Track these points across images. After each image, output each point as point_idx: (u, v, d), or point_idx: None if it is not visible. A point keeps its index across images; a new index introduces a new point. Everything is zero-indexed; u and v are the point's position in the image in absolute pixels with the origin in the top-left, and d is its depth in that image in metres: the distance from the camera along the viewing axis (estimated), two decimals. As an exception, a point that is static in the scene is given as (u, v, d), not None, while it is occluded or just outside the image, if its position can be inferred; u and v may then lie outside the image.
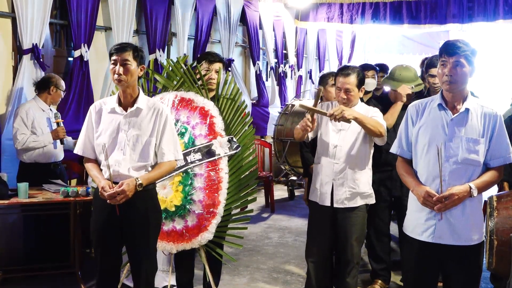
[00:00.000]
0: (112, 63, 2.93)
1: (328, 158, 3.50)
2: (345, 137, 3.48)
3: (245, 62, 8.83)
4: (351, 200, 3.48)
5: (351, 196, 3.48)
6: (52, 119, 4.47)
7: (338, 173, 3.47)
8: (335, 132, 3.51)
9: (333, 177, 3.48)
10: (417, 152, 2.72)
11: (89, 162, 3.05)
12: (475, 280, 2.70)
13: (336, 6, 8.93)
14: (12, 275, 4.21)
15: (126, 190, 2.85)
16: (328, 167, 3.50)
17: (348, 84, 3.44)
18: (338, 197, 3.48)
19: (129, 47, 2.95)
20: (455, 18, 8.18)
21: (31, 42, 4.53)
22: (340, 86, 3.47)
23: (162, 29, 6.09)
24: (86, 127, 3.04)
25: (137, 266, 3.07)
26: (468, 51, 2.56)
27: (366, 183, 3.54)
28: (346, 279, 3.56)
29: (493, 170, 2.65)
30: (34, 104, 4.42)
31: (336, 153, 3.47)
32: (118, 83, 2.93)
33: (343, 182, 3.46)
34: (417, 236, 2.70)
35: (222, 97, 3.69)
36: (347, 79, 3.44)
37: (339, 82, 3.49)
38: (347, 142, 3.47)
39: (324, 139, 3.55)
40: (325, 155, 3.53)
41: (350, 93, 3.44)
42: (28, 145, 4.26)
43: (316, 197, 3.58)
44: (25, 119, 4.29)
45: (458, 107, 2.65)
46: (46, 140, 4.33)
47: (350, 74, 3.44)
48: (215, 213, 3.49)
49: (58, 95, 4.55)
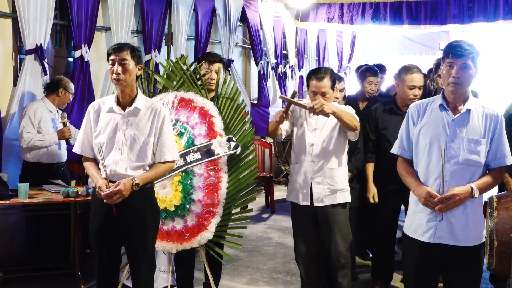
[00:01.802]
0: (110, 63, 2.93)
1: (305, 157, 3.54)
2: (321, 136, 3.51)
3: (245, 62, 8.83)
4: (330, 197, 3.51)
5: (331, 193, 3.51)
6: (58, 119, 4.48)
7: (316, 171, 3.50)
8: (310, 131, 3.54)
9: (311, 176, 3.51)
10: (418, 152, 2.72)
11: (88, 161, 3.06)
12: (475, 281, 2.70)
13: (336, 7, 8.93)
14: (12, 275, 4.21)
15: (123, 189, 2.85)
16: (306, 166, 3.53)
17: (324, 88, 3.44)
18: (318, 195, 3.51)
19: (127, 47, 2.96)
20: (455, 18, 8.18)
21: (34, 42, 4.53)
22: (316, 90, 3.46)
23: (158, 29, 6.08)
24: (85, 126, 3.05)
25: (136, 265, 3.06)
26: (474, 53, 2.57)
27: (344, 179, 3.58)
28: (338, 280, 3.58)
29: (494, 171, 2.65)
30: (42, 104, 4.44)
31: (313, 152, 3.51)
32: (117, 83, 2.94)
33: (322, 180, 3.50)
34: (418, 236, 2.70)
35: (222, 97, 3.69)
36: (322, 83, 3.44)
37: (313, 86, 3.47)
38: (323, 140, 3.51)
39: (300, 138, 3.58)
40: (302, 154, 3.56)
41: (326, 95, 3.44)
42: (33, 144, 4.27)
43: (295, 197, 3.60)
44: (33, 118, 4.30)
45: (459, 107, 2.65)
46: (51, 139, 4.34)
47: (324, 77, 3.45)
48: (214, 212, 3.49)
49: (67, 97, 4.58)
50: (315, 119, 3.53)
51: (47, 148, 4.37)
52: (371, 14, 8.60)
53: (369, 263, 4.74)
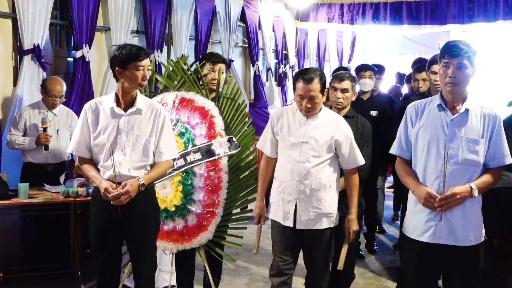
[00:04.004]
0: (141, 68, 2.91)
1: (290, 175, 3.12)
2: (309, 151, 3.10)
3: (245, 62, 8.84)
4: (316, 222, 3.12)
5: (316, 217, 3.11)
6: (47, 123, 4.33)
7: (302, 192, 3.10)
8: (297, 145, 3.12)
9: (296, 196, 3.11)
10: (417, 152, 2.72)
11: (86, 163, 3.02)
12: (475, 281, 2.69)
13: (336, 7, 8.95)
14: (13, 276, 4.21)
15: (130, 190, 2.86)
16: (291, 185, 3.12)
17: (312, 91, 3.03)
18: (302, 218, 3.11)
19: (149, 53, 3.02)
20: (455, 18, 8.20)
21: (32, 42, 4.53)
22: (303, 94, 3.05)
23: (160, 29, 6.09)
24: (81, 126, 3.00)
25: (138, 264, 3.07)
26: (471, 52, 2.57)
27: (332, 203, 3.16)
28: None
29: (493, 171, 2.65)
30: (35, 106, 4.38)
31: (299, 169, 3.09)
32: (141, 87, 2.97)
33: (307, 201, 3.09)
34: (417, 237, 2.70)
35: (222, 97, 3.69)
36: (311, 86, 3.02)
37: (300, 89, 3.06)
38: (311, 156, 3.09)
39: (286, 153, 3.17)
40: (287, 171, 3.14)
41: (314, 100, 3.05)
42: (14, 147, 4.26)
43: (278, 216, 3.22)
44: (17, 120, 4.30)
45: (458, 107, 2.65)
46: (30, 144, 4.26)
47: (313, 79, 3.03)
48: (215, 212, 3.49)
49: (47, 100, 4.35)
50: (303, 131, 3.12)
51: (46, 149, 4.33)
52: (371, 14, 8.62)
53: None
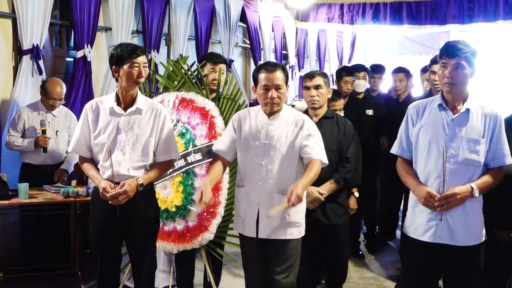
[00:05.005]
0: (136, 65, 2.91)
1: (252, 178, 2.88)
2: (272, 152, 2.85)
3: (245, 62, 8.84)
4: (280, 232, 2.86)
5: (280, 226, 2.85)
6: (46, 125, 4.30)
7: (264, 197, 2.85)
8: (259, 146, 2.87)
9: (258, 202, 2.87)
10: (418, 152, 2.72)
11: (86, 162, 3.02)
12: (475, 281, 2.70)
13: (336, 7, 8.94)
14: (13, 276, 4.21)
15: (128, 190, 2.85)
16: (253, 190, 2.88)
17: (277, 79, 2.82)
18: (265, 227, 2.86)
19: (145, 50, 3.00)
20: (455, 18, 8.19)
21: (31, 42, 4.53)
22: (268, 83, 2.82)
23: (157, 29, 6.08)
24: (82, 126, 3.00)
25: (138, 264, 3.07)
26: (469, 52, 2.57)
27: (298, 211, 2.89)
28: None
29: (493, 171, 2.65)
30: (34, 106, 4.37)
31: (262, 172, 2.85)
32: (137, 84, 2.97)
33: (272, 208, 2.77)
34: (418, 236, 2.70)
35: (223, 97, 3.69)
36: (275, 74, 2.82)
37: (264, 79, 2.83)
38: (275, 158, 2.84)
39: (246, 157, 2.92)
40: (248, 176, 2.90)
41: (280, 90, 2.84)
42: (12, 148, 4.26)
43: (240, 227, 2.98)
44: (16, 121, 4.29)
45: (458, 107, 2.65)
46: (28, 146, 4.26)
47: (276, 67, 2.85)
48: (215, 213, 3.49)
49: (46, 102, 4.35)
50: (264, 131, 2.87)
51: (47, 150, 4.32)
52: (371, 14, 8.61)
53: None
